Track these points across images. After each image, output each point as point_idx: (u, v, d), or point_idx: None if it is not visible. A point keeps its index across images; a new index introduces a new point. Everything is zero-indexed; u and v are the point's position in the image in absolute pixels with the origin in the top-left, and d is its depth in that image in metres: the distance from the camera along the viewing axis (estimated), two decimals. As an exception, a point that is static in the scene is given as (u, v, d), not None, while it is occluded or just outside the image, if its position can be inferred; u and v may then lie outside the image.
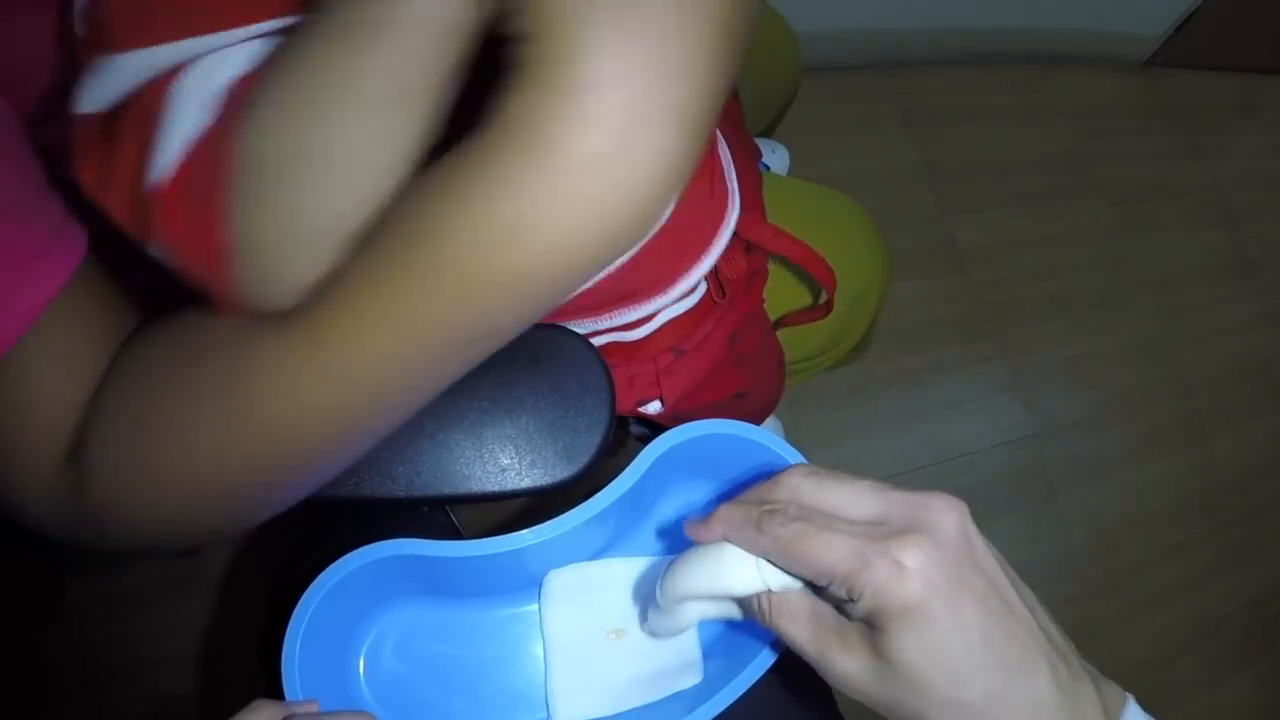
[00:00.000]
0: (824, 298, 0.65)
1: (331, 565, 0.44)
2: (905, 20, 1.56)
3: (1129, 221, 1.66)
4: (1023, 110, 1.68)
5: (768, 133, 1.15)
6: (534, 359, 0.50)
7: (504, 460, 0.49)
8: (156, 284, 0.36)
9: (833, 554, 0.35)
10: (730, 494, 0.41)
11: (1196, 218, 1.72)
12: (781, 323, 0.70)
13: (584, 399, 0.50)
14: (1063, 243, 1.60)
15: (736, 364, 0.64)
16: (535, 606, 0.52)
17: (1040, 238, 1.59)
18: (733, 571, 0.39)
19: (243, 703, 0.40)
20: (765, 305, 0.68)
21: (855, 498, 0.37)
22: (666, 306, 0.57)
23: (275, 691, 0.43)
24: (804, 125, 1.26)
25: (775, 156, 1.26)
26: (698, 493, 0.54)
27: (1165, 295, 1.62)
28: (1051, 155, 1.66)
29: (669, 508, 0.54)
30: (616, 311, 0.56)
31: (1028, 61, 1.71)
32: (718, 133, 0.60)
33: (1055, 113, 1.70)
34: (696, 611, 0.42)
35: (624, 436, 0.78)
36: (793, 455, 0.47)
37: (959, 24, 1.61)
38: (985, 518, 0.43)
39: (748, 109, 0.83)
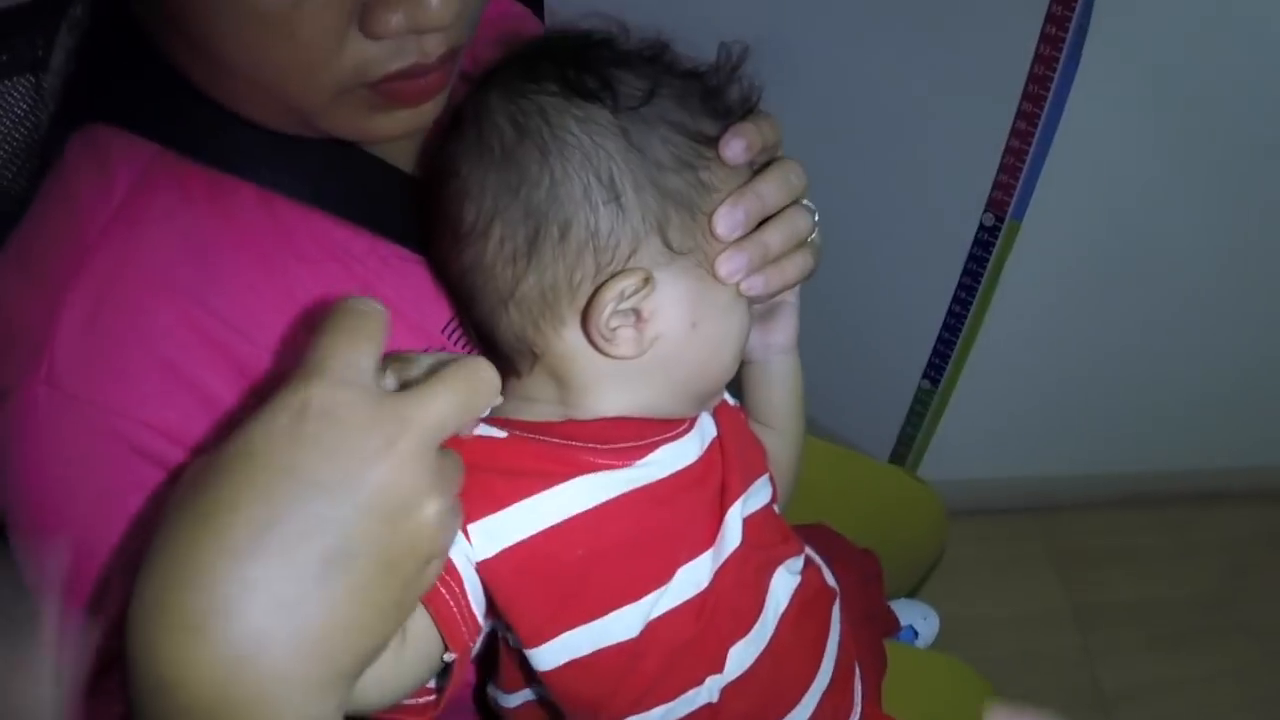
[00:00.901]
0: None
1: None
2: (1054, 466, 1.68)
3: (1277, 661, 1.63)
4: (1172, 549, 1.74)
5: (914, 593, 1.20)
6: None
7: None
8: None
9: None
10: None
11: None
12: None
13: None
14: (1209, 684, 1.59)
15: None
16: None
17: (1186, 679, 1.59)
18: None
19: None
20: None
21: None
22: None
23: None
24: (951, 566, 1.28)
25: (925, 623, 1.29)
26: None
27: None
28: (1200, 593, 1.69)
29: None
30: None
31: (1176, 500, 1.78)
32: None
33: (1204, 550, 1.74)
34: None
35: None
36: None
37: (1108, 468, 1.72)
38: None
39: (890, 571, 0.88)
